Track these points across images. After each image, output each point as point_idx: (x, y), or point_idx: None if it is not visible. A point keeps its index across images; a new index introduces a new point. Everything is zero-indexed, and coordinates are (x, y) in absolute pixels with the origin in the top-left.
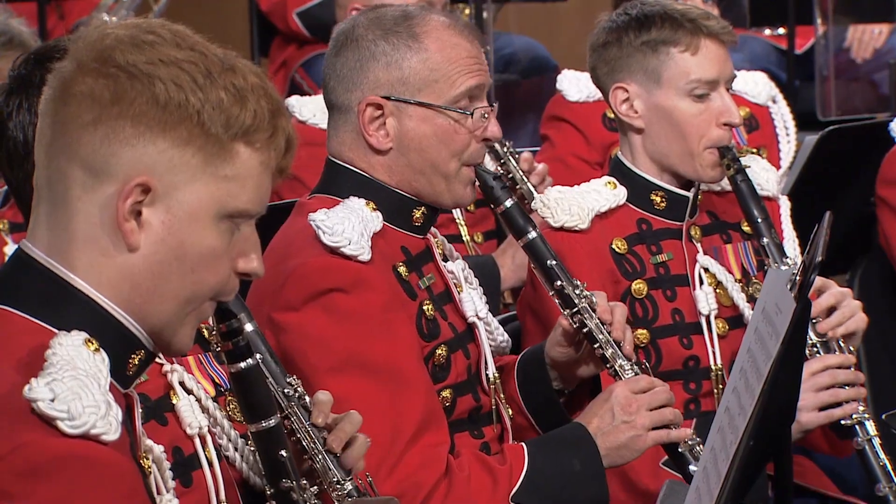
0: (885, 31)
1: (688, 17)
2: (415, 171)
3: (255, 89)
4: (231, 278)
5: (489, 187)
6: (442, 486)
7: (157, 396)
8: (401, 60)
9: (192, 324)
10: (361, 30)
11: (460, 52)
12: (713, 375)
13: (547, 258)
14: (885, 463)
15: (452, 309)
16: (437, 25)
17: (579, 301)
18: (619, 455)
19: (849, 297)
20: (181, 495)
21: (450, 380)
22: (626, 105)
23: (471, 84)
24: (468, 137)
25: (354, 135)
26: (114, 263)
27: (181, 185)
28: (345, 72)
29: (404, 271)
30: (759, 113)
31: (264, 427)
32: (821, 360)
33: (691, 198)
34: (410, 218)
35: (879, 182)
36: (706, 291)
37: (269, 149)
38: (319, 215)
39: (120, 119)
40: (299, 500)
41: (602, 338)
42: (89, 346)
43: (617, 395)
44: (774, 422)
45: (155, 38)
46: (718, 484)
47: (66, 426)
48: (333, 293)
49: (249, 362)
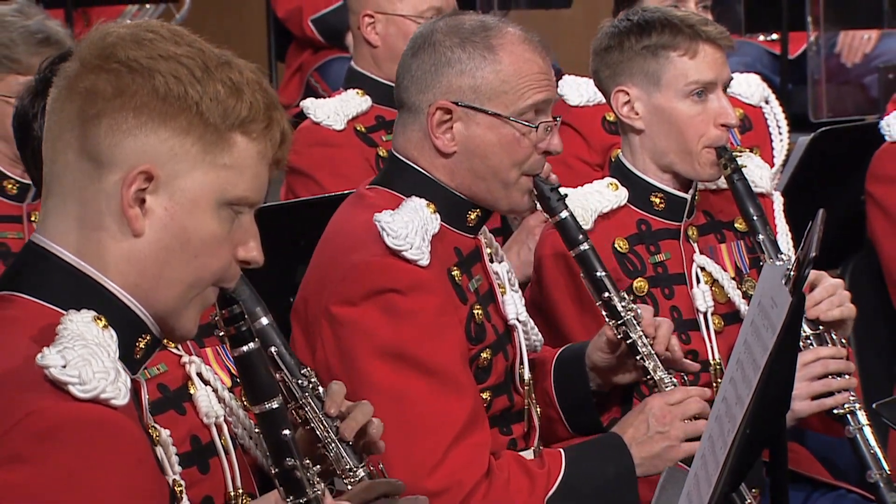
0: (874, 36)
1: (687, 22)
2: (475, 176)
3: (250, 83)
4: (232, 265)
5: (546, 198)
6: (483, 485)
7: (175, 387)
8: (474, 69)
9: (196, 309)
10: (440, 35)
11: (532, 67)
12: (712, 369)
13: (597, 270)
14: (875, 451)
15: (494, 310)
16: (512, 39)
17: (625, 313)
18: (652, 464)
19: (840, 288)
20: (199, 481)
21: (490, 381)
22: (627, 107)
23: (539, 98)
24: (530, 149)
25: (421, 135)
26: (120, 249)
27: (182, 173)
28: (419, 73)
29: (457, 274)
30: (753, 113)
31: (267, 408)
32: (814, 352)
33: (689, 199)
34: (465, 219)
35: (868, 178)
36: (703, 289)
37: (265, 139)
38: (385, 216)
39: (122, 111)
40: (303, 478)
41: (644, 350)
42: (98, 323)
43: (652, 406)
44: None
45: (154, 36)
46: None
47: (77, 390)
48: (391, 293)
49: (251, 346)
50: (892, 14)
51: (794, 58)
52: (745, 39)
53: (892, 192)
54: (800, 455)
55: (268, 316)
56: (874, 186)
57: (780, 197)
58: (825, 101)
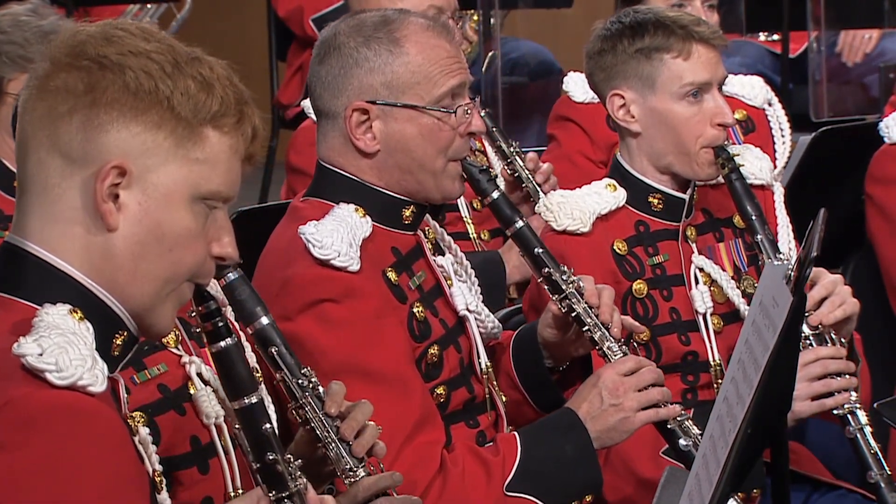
0: (875, 36)
1: (679, 23)
2: (403, 171)
3: (220, 78)
4: (207, 261)
5: (476, 180)
6: (437, 483)
7: (175, 387)
8: (383, 65)
9: (172, 305)
10: (343, 37)
11: (440, 53)
12: (712, 370)
13: (534, 246)
14: (876, 451)
15: (444, 303)
16: (415, 29)
17: (567, 286)
18: (608, 437)
19: (840, 285)
20: (199, 482)
21: (443, 376)
22: (622, 111)
23: (453, 83)
24: (452, 134)
25: (342, 139)
26: (95, 245)
27: (155, 167)
28: (329, 79)
29: (393, 276)
30: (756, 115)
31: (247, 403)
32: (814, 352)
33: (687, 200)
34: (400, 217)
35: (868, 180)
36: (702, 290)
37: (237, 134)
38: (309, 228)
39: (94, 107)
40: (284, 472)
41: (590, 321)
42: (74, 315)
43: (605, 378)
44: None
45: (124, 33)
46: (718, 470)
47: (54, 378)
48: (325, 303)
49: (229, 342)
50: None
51: (795, 57)
52: (746, 39)
53: (891, 194)
54: (800, 455)
55: (268, 315)
56: (873, 188)
57: (781, 188)
58: (826, 101)
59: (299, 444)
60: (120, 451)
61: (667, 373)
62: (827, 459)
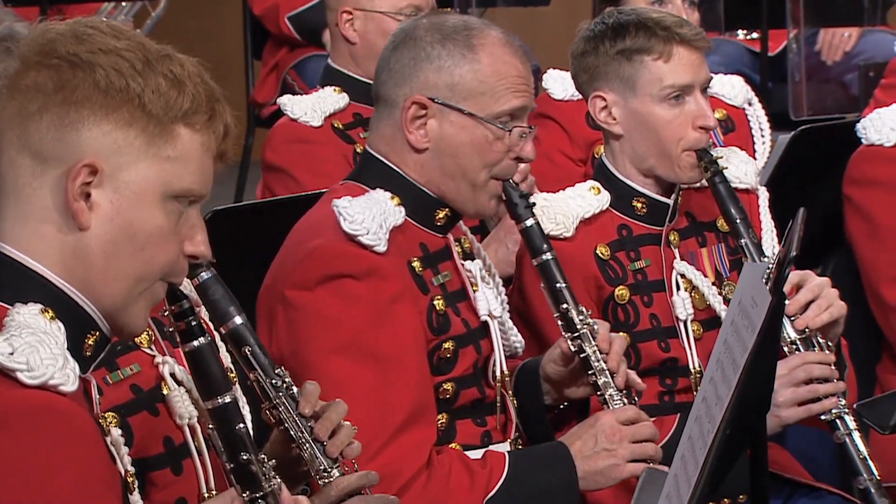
0: (855, 34)
1: (661, 25)
2: (445, 175)
3: (192, 76)
4: (180, 259)
5: (513, 204)
6: (421, 477)
7: (148, 387)
8: (453, 67)
9: (144, 304)
10: (421, 31)
11: (511, 70)
12: (692, 377)
13: (557, 280)
14: (865, 456)
15: (467, 307)
16: (493, 41)
17: (581, 327)
18: (594, 480)
19: (826, 288)
20: (172, 483)
21: (454, 373)
22: (604, 112)
23: (515, 104)
24: (502, 153)
25: (394, 129)
26: (67, 244)
27: (127, 165)
28: (397, 67)
29: (419, 266)
30: (736, 115)
31: (220, 403)
32: (800, 357)
33: (671, 204)
34: (433, 217)
35: (846, 181)
36: (683, 297)
37: (208, 131)
38: (343, 202)
39: (64, 105)
40: (258, 472)
41: (597, 365)
42: (45, 315)
43: (603, 422)
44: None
45: (94, 31)
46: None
47: (25, 377)
48: (345, 278)
49: (202, 341)
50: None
51: (774, 55)
52: (726, 38)
53: (869, 195)
54: (780, 457)
55: (241, 315)
56: (851, 190)
57: (766, 192)
58: (805, 99)
59: (274, 445)
60: (91, 450)
61: (645, 376)
62: (806, 461)
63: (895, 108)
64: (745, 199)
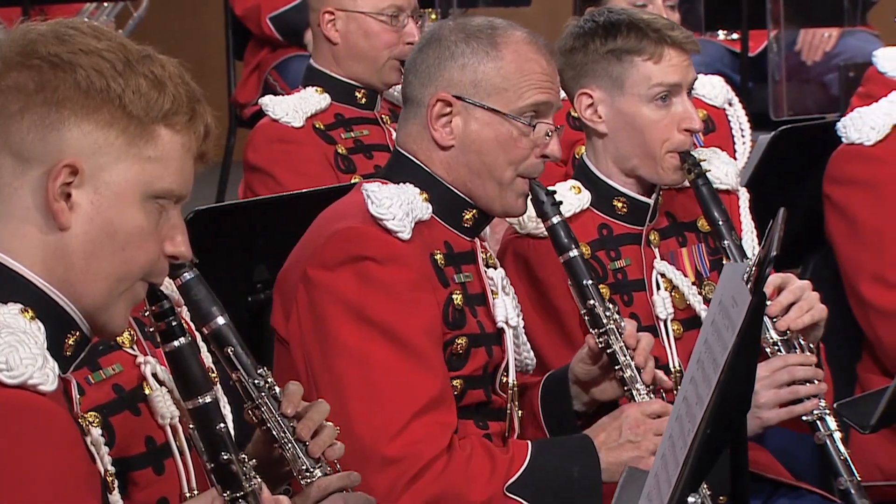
0: (835, 34)
1: (653, 27)
2: (471, 172)
3: (172, 76)
4: (160, 260)
5: (540, 201)
6: (441, 460)
7: (130, 387)
8: (477, 64)
9: (125, 304)
10: (446, 31)
11: (534, 67)
12: (672, 376)
13: (584, 277)
14: (846, 457)
15: (485, 312)
16: (517, 39)
17: (608, 322)
18: (618, 471)
19: (808, 291)
20: (154, 482)
21: (464, 371)
22: (590, 110)
23: (538, 99)
24: (528, 149)
25: (421, 128)
26: (48, 244)
27: (107, 166)
28: (423, 67)
29: (441, 260)
30: (716, 115)
31: (201, 403)
32: (781, 359)
33: (652, 204)
34: (461, 218)
35: (826, 180)
36: (663, 296)
37: (189, 132)
38: (373, 186)
39: (45, 106)
40: (239, 472)
41: (623, 360)
42: (25, 315)
43: (628, 414)
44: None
45: (75, 32)
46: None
47: (4, 377)
48: (367, 261)
49: (182, 341)
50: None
51: (755, 56)
52: (706, 38)
53: (849, 194)
54: (760, 457)
55: (224, 316)
56: (831, 188)
57: (746, 193)
58: (786, 100)
59: (256, 445)
60: (70, 450)
61: None
62: (786, 461)
63: (875, 107)
64: (725, 200)
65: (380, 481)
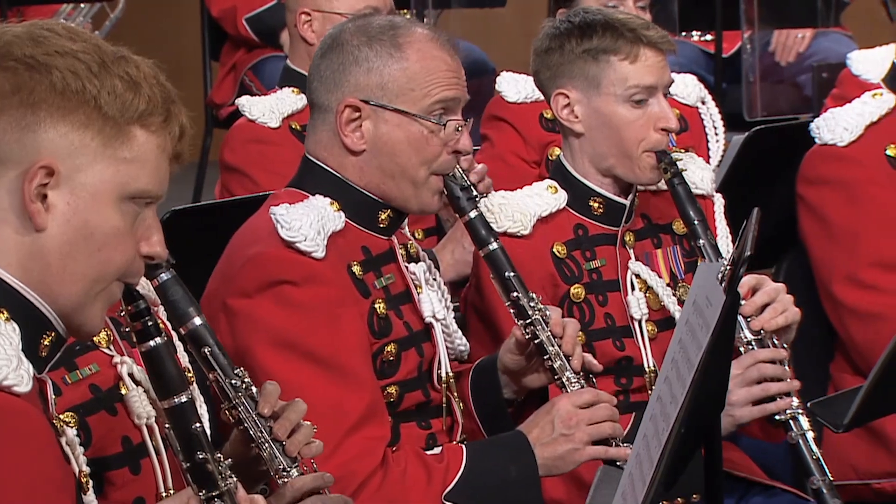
0: (808, 35)
1: (628, 26)
2: (384, 175)
3: (147, 77)
4: (136, 260)
5: (455, 197)
6: (377, 476)
7: (107, 387)
8: (381, 67)
9: (101, 305)
10: (347, 35)
11: (439, 65)
12: (646, 376)
13: (506, 269)
14: (818, 456)
15: (411, 309)
16: (420, 37)
17: (533, 313)
18: (555, 466)
19: (782, 293)
20: (130, 482)
21: (398, 377)
22: (566, 110)
23: (445, 95)
24: (439, 147)
25: (331, 134)
26: (23, 245)
27: (83, 167)
28: (328, 73)
29: (359, 270)
30: (689, 114)
31: (176, 403)
32: (751, 355)
33: (628, 205)
34: (376, 219)
35: (799, 180)
36: (637, 297)
37: (164, 132)
38: (280, 209)
39: (21, 107)
40: (214, 471)
41: (552, 350)
42: (0, 316)
43: (559, 407)
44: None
45: (50, 34)
46: (651, 469)
47: None
48: (285, 285)
49: (158, 341)
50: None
51: (729, 57)
52: (680, 39)
53: (822, 195)
54: (734, 456)
55: (201, 316)
56: (804, 189)
57: (721, 198)
58: (759, 100)
59: (233, 445)
60: (44, 451)
61: (601, 375)
62: (760, 459)
63: (848, 108)
64: (700, 205)
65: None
